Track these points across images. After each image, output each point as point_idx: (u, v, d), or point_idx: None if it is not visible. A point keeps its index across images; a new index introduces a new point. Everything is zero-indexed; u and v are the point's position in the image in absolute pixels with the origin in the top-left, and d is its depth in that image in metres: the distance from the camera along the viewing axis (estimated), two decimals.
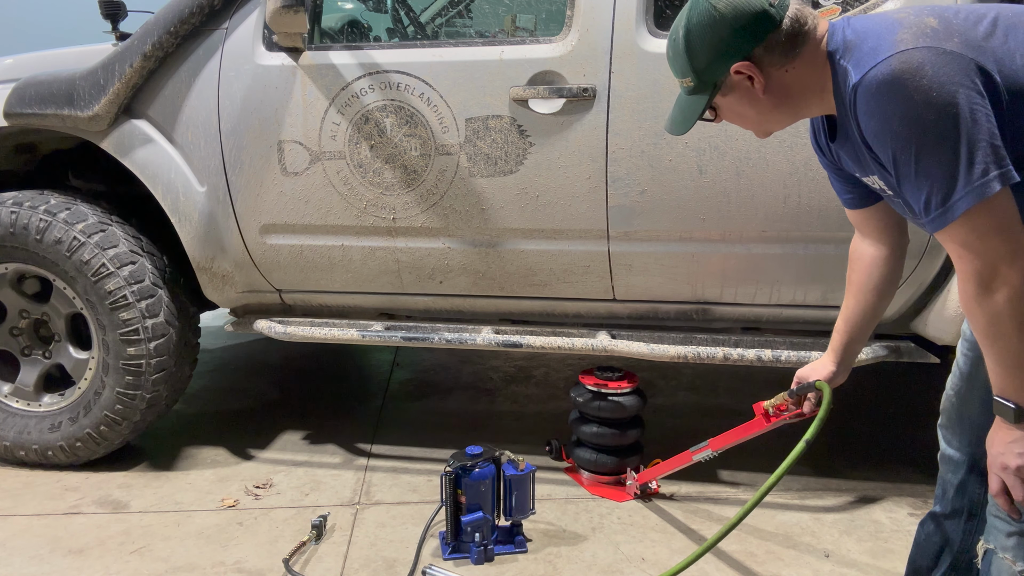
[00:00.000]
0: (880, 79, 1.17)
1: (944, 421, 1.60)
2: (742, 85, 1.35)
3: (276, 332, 2.47)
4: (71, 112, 2.35)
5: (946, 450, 1.60)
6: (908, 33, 1.18)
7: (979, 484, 1.56)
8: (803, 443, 1.72)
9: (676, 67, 1.40)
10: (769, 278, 2.25)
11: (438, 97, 2.21)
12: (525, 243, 2.30)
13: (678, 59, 1.38)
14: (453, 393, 3.35)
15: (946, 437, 1.61)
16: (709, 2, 1.31)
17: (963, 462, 1.56)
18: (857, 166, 1.41)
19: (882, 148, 1.22)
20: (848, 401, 3.17)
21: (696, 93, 1.39)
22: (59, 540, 2.18)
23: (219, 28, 2.32)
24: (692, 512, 2.34)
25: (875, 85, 1.18)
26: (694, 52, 1.34)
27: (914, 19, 1.21)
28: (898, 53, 1.16)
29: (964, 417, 1.53)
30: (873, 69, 1.18)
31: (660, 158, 2.13)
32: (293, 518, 2.30)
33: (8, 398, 2.62)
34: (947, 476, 1.61)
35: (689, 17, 1.34)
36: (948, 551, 1.62)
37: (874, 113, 1.20)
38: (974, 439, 1.54)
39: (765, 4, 1.29)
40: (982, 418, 1.52)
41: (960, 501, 1.58)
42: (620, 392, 2.40)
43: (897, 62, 1.16)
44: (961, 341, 1.57)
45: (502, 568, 2.07)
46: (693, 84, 1.38)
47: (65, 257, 2.38)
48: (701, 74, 1.36)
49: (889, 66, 1.16)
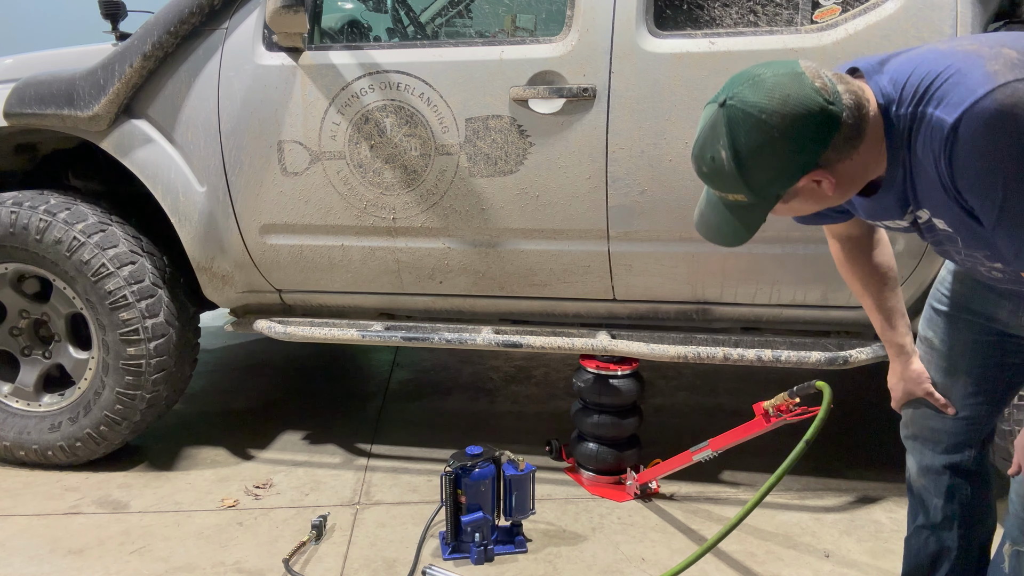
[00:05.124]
0: (988, 116, 1.05)
1: (918, 433, 1.61)
2: (809, 189, 1.20)
3: (276, 332, 2.47)
4: (71, 112, 2.35)
5: (923, 461, 1.60)
6: (997, 64, 1.08)
7: (967, 484, 1.56)
8: (803, 443, 1.72)
9: (720, 186, 1.22)
10: (769, 278, 2.25)
11: (438, 97, 2.21)
12: (525, 243, 2.30)
13: (723, 179, 1.20)
14: (453, 393, 3.35)
15: (916, 446, 1.61)
16: (754, 116, 1.13)
17: (945, 468, 1.57)
18: (895, 210, 1.30)
19: (986, 191, 1.10)
20: (848, 401, 3.17)
21: (750, 207, 1.23)
22: (59, 540, 2.18)
23: (219, 28, 2.32)
24: (692, 512, 2.34)
25: (983, 123, 1.06)
26: (749, 173, 1.17)
27: (990, 51, 1.11)
28: (1002, 86, 1.05)
29: (939, 424, 1.56)
30: (977, 105, 1.06)
31: (660, 158, 2.13)
32: (293, 518, 2.30)
33: (8, 398, 2.62)
34: (926, 486, 1.61)
35: (732, 134, 1.15)
36: (946, 559, 1.62)
37: (982, 153, 1.07)
38: (951, 444, 1.55)
39: (822, 103, 1.13)
40: (959, 423, 1.54)
41: (951, 507, 1.58)
42: (622, 375, 2.40)
43: (1003, 96, 1.05)
44: (922, 348, 1.59)
45: (502, 568, 2.07)
46: (748, 200, 1.21)
47: (65, 257, 2.38)
48: (759, 190, 1.19)
49: (995, 101, 1.05)
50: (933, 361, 1.57)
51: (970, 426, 1.54)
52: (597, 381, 2.41)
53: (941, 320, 1.55)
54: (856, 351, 2.20)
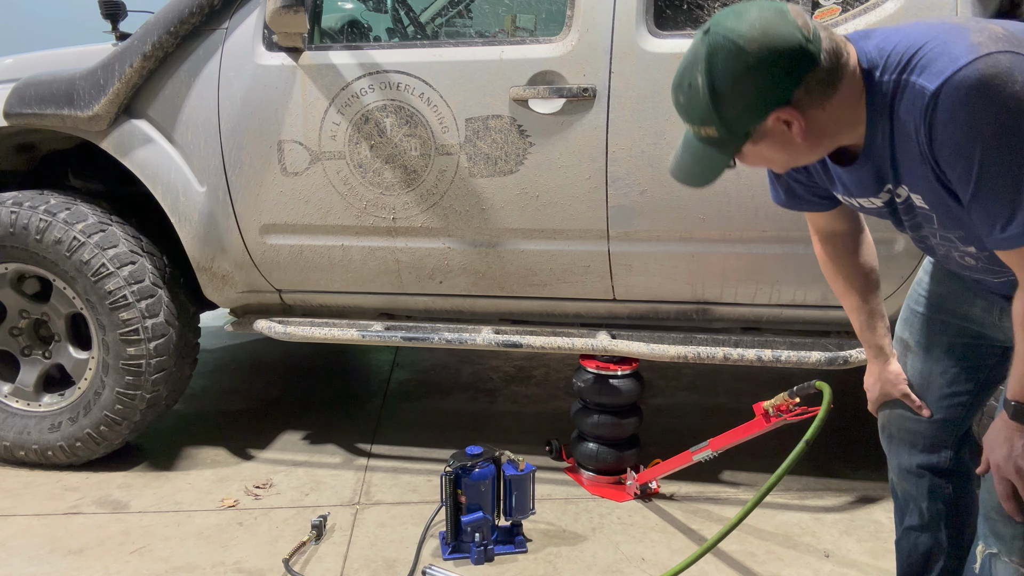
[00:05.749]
0: (969, 84, 1.06)
1: (894, 434, 1.61)
2: (778, 131, 1.20)
3: (276, 332, 2.47)
4: (71, 112, 2.35)
5: (902, 463, 1.60)
6: (983, 37, 1.09)
7: (947, 483, 1.57)
8: (803, 443, 1.72)
9: (694, 116, 1.23)
10: (769, 278, 2.25)
11: (438, 97, 2.21)
12: (525, 243, 2.30)
13: (697, 108, 1.20)
14: (453, 393, 3.35)
15: (894, 449, 1.62)
16: (734, 42, 1.14)
17: (924, 469, 1.57)
18: (872, 186, 1.30)
19: (964, 160, 1.10)
20: (848, 401, 3.16)
21: (719, 144, 1.23)
22: (59, 540, 2.18)
23: (219, 28, 2.32)
24: (692, 512, 2.34)
25: (964, 91, 1.06)
26: (721, 101, 1.17)
27: (978, 25, 1.12)
28: (984, 56, 1.06)
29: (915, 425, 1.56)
30: (958, 74, 1.07)
31: (660, 158, 2.13)
32: (293, 518, 2.30)
33: (8, 398, 2.62)
34: (908, 488, 1.61)
35: (710, 60, 1.16)
36: (939, 558, 1.62)
37: (960, 122, 1.08)
38: (927, 445, 1.56)
39: (801, 39, 1.13)
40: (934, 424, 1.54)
41: (935, 507, 1.58)
42: (622, 375, 2.40)
43: (984, 66, 1.05)
44: (899, 349, 1.59)
45: (502, 568, 2.07)
46: (718, 135, 1.22)
47: (65, 257, 2.38)
48: (730, 123, 1.19)
49: (977, 69, 1.05)
50: (909, 362, 1.57)
51: (946, 427, 1.54)
52: (597, 381, 2.41)
53: (917, 321, 1.55)
54: (856, 351, 2.21)
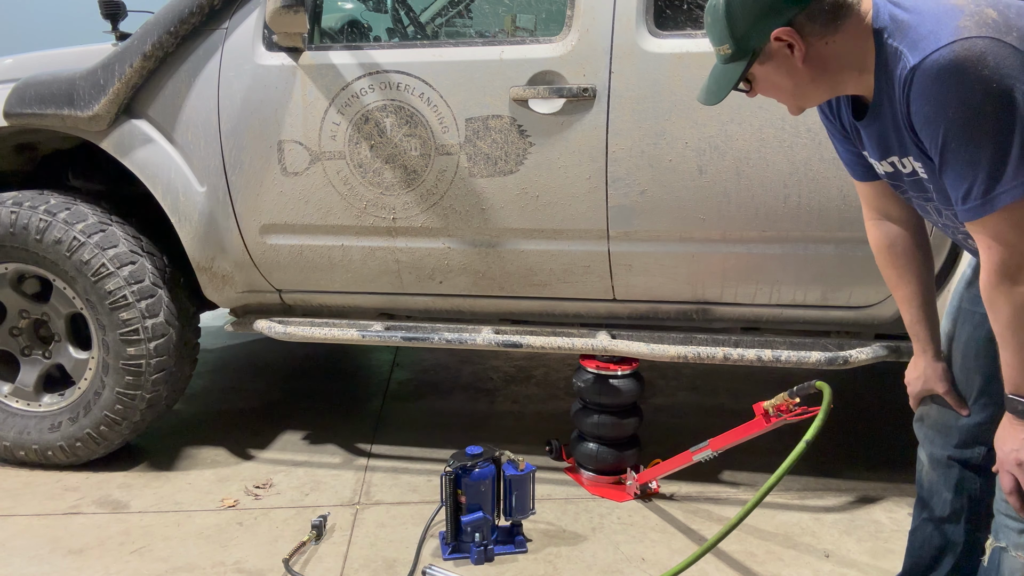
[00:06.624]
0: (942, 64, 1.16)
1: (931, 425, 1.60)
2: (781, 53, 1.31)
3: (276, 332, 2.47)
4: (71, 112, 2.35)
5: (935, 452, 1.59)
6: (970, 21, 1.17)
7: (975, 479, 1.55)
8: (803, 443, 1.72)
9: (714, 34, 1.37)
10: (769, 278, 2.25)
11: (438, 97, 2.21)
12: (525, 243, 2.30)
13: (717, 25, 1.34)
14: (453, 393, 3.35)
15: (929, 436, 1.60)
16: None
17: (955, 461, 1.56)
18: (880, 148, 1.38)
19: (932, 132, 1.21)
20: (848, 401, 3.17)
21: (733, 61, 1.36)
22: (59, 540, 2.18)
23: (219, 28, 2.32)
24: (692, 512, 2.34)
25: (936, 70, 1.17)
26: (734, 17, 1.31)
27: (974, 7, 1.20)
28: (962, 40, 1.15)
29: (952, 421, 1.54)
30: (935, 54, 1.17)
31: (660, 158, 2.13)
32: (293, 518, 2.30)
33: (8, 398, 2.62)
34: (936, 479, 1.60)
35: None
36: (951, 554, 1.61)
37: (931, 98, 1.19)
38: (962, 440, 1.54)
39: None
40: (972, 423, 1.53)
41: (959, 501, 1.57)
42: (622, 375, 2.40)
43: (960, 49, 1.15)
44: (943, 343, 1.58)
45: (502, 568, 2.07)
46: (731, 51, 1.34)
47: (65, 257, 2.38)
48: (740, 40, 1.32)
49: (952, 51, 1.15)
50: (952, 357, 1.56)
51: (982, 426, 1.53)
52: (597, 381, 2.41)
53: (960, 316, 1.55)
54: (856, 351, 2.20)
